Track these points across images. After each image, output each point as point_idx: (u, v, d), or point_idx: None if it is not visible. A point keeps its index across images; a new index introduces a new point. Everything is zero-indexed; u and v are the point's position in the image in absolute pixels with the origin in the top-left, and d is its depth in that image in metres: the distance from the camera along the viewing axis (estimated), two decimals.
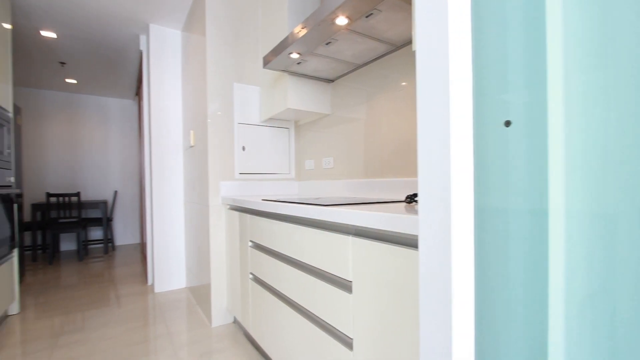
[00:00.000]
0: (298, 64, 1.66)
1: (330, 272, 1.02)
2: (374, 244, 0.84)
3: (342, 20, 1.22)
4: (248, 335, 1.94)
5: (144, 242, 3.76)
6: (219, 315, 2.13)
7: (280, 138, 2.32)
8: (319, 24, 1.25)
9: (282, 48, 1.50)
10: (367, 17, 1.21)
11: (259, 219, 1.56)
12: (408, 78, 1.45)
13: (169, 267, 2.90)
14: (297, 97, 1.84)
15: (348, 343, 0.97)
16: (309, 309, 1.15)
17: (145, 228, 3.40)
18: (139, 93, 3.99)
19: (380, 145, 1.60)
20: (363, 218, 0.85)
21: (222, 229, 2.13)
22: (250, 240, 1.68)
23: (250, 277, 1.70)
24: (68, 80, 4.32)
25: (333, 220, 0.97)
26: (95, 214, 5.03)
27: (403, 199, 1.35)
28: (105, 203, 4.45)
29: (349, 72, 1.80)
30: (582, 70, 0.39)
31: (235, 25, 2.19)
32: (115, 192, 4.89)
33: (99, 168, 5.07)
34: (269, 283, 1.47)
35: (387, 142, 1.57)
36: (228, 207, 2.06)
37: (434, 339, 0.49)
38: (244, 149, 2.19)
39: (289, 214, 1.24)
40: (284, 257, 1.35)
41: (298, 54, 1.52)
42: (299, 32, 1.36)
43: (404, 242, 0.78)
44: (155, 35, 2.85)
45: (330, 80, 1.94)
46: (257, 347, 1.81)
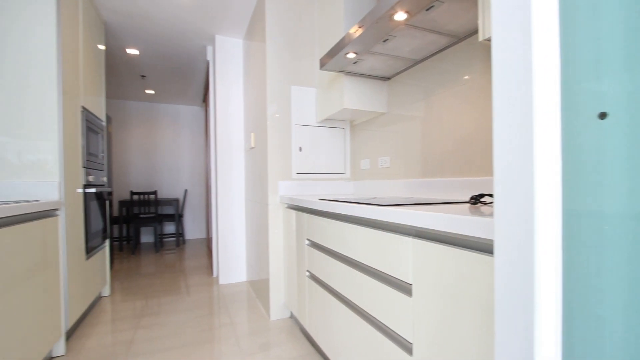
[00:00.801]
0: (354, 64, 1.66)
1: (389, 273, 1.00)
2: (437, 247, 0.81)
3: (400, 16, 1.19)
4: (304, 331, 1.99)
5: (210, 237, 4.07)
6: (277, 310, 2.22)
7: (336, 138, 2.34)
8: (377, 22, 1.24)
9: (338, 49, 1.51)
10: (427, 10, 1.16)
11: (316, 218, 1.59)
12: (471, 71, 1.35)
13: (231, 261, 3.10)
14: (353, 96, 1.84)
15: (407, 347, 0.94)
16: (366, 310, 1.14)
17: (211, 224, 3.68)
18: (206, 100, 4.33)
19: (439, 144, 1.53)
20: (425, 219, 0.82)
21: (279, 227, 2.21)
22: (307, 239, 1.72)
23: (307, 274, 1.74)
24: (147, 91, 4.85)
25: (392, 221, 0.95)
26: (169, 211, 5.58)
27: (466, 200, 1.26)
28: (177, 201, 4.92)
29: (406, 68, 1.74)
30: None
31: (293, 31, 2.26)
32: (186, 191, 5.37)
33: (172, 169, 5.62)
34: (325, 281, 1.49)
35: (446, 139, 1.48)
36: (286, 205, 2.13)
37: (511, 354, 0.45)
38: (301, 150, 2.25)
39: (347, 214, 1.24)
40: (341, 256, 1.35)
41: (354, 54, 1.51)
42: (356, 31, 1.36)
43: (472, 245, 0.73)
44: (220, 45, 3.07)
45: (387, 78, 1.90)
46: (312, 342, 1.85)
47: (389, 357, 1.01)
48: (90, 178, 2.30)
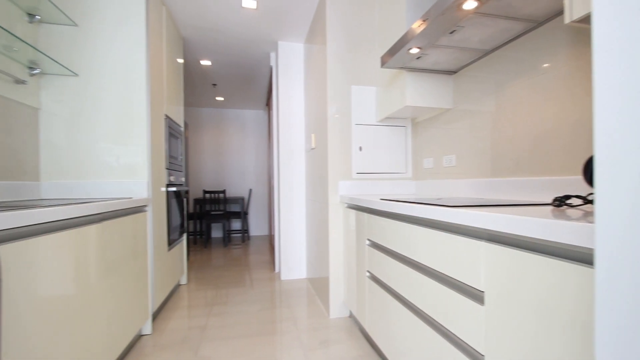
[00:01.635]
0: (417, 59, 1.60)
1: (457, 278, 0.95)
2: (516, 253, 0.74)
3: (470, 4, 1.11)
4: (363, 331, 1.98)
5: (272, 234, 4.27)
6: (336, 308, 2.24)
7: (397, 137, 2.28)
8: (443, 13, 1.18)
9: (400, 45, 1.47)
10: None
11: (377, 218, 1.57)
12: (553, 58, 1.21)
13: (292, 258, 3.21)
14: (415, 93, 1.78)
15: (478, 359, 0.88)
16: (430, 314, 1.09)
17: (273, 222, 3.86)
18: (269, 103, 4.55)
19: (513, 140, 1.39)
20: (500, 222, 0.76)
21: (339, 226, 2.23)
22: (368, 239, 1.71)
23: (367, 274, 1.72)
24: (217, 98, 5.27)
25: (462, 223, 0.89)
26: (236, 208, 5.99)
27: (546, 202, 1.13)
28: (243, 199, 5.26)
29: (474, 60, 1.62)
30: None
31: (353, 31, 2.26)
32: (250, 190, 5.71)
33: (238, 169, 6.02)
34: (386, 282, 1.46)
35: (522, 135, 1.35)
36: (346, 205, 2.14)
37: None
38: (361, 149, 2.24)
39: (410, 214, 1.20)
40: (403, 258, 1.32)
41: (418, 49, 1.46)
42: (419, 26, 1.31)
43: (562, 254, 0.65)
44: (283, 51, 3.20)
45: (452, 72, 1.80)
46: (372, 343, 1.83)
47: None
48: (172, 178, 2.58)
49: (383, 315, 1.51)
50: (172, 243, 2.55)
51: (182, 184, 2.98)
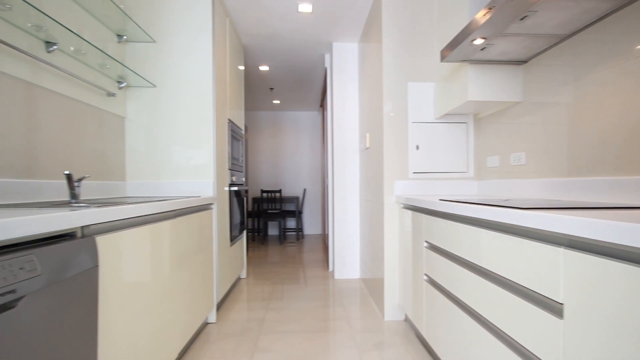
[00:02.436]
0: (481, 50, 1.49)
1: (530, 288, 0.86)
2: (603, 262, 0.65)
3: None
4: (420, 336, 1.90)
5: (325, 233, 4.32)
6: (391, 310, 2.19)
7: (457, 134, 2.16)
8: None
9: (463, 37, 1.38)
10: None
11: (436, 220, 1.50)
12: None
13: (346, 257, 3.22)
14: (479, 87, 1.66)
15: None
16: (497, 325, 1.01)
17: (327, 221, 3.90)
18: (323, 104, 4.62)
19: (597, 134, 1.23)
20: (587, 227, 0.67)
21: (395, 227, 2.18)
22: (426, 241, 1.64)
23: (425, 278, 1.66)
24: (274, 101, 5.50)
25: (537, 227, 0.81)
26: (290, 207, 6.18)
27: None
28: (298, 199, 5.41)
29: (549, 47, 1.46)
30: None
31: (409, 27, 2.19)
32: (304, 189, 5.85)
33: (293, 170, 6.22)
34: (447, 288, 1.39)
35: (608, 128, 1.18)
36: (402, 205, 2.08)
37: None
38: (418, 148, 2.16)
39: (475, 217, 1.13)
40: (466, 262, 1.24)
41: (482, 39, 1.36)
42: (485, 15, 1.22)
43: None
44: (337, 52, 3.23)
45: (522, 62, 1.65)
46: (429, 349, 1.75)
47: None
48: (234, 178, 2.75)
49: (442, 322, 1.44)
50: (233, 239, 2.72)
51: (242, 184, 3.16)
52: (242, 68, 3.23)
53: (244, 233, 3.28)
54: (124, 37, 2.03)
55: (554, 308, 0.79)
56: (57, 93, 1.51)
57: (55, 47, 1.45)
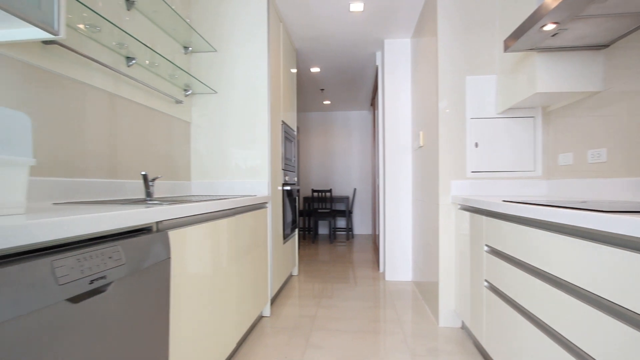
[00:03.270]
0: (552, 37, 1.35)
1: (616, 302, 0.77)
2: None
3: None
4: (479, 346, 1.79)
5: (376, 233, 4.26)
6: (446, 316, 2.09)
7: (522, 130, 1.98)
8: None
9: (530, 23, 1.27)
10: None
11: (499, 222, 1.40)
12: None
13: (397, 259, 3.14)
14: (549, 77, 1.51)
15: None
16: (573, 341, 0.91)
17: (377, 221, 3.84)
18: (374, 103, 4.55)
19: None
20: None
21: (451, 229, 2.07)
22: (486, 245, 1.54)
23: (485, 284, 1.55)
24: (325, 102, 5.56)
25: (625, 234, 0.72)
26: (340, 207, 6.20)
27: None
28: (348, 198, 5.41)
29: (636, 28, 1.28)
30: None
31: (467, 18, 2.06)
32: (355, 189, 5.83)
33: (343, 169, 6.23)
34: (511, 296, 1.29)
35: None
36: (459, 206, 1.97)
37: None
38: (477, 146, 2.03)
39: (547, 220, 1.03)
40: (535, 269, 1.14)
41: (554, 24, 1.23)
42: None
43: None
44: (389, 48, 3.16)
45: (602, 47, 1.46)
46: None
47: None
48: (287, 178, 2.84)
49: (506, 333, 1.34)
50: (286, 237, 2.82)
51: (294, 184, 3.25)
52: (294, 71, 3.32)
53: (296, 231, 3.37)
54: (190, 48, 2.22)
55: None
56: (133, 102, 1.69)
57: (134, 61, 1.63)
